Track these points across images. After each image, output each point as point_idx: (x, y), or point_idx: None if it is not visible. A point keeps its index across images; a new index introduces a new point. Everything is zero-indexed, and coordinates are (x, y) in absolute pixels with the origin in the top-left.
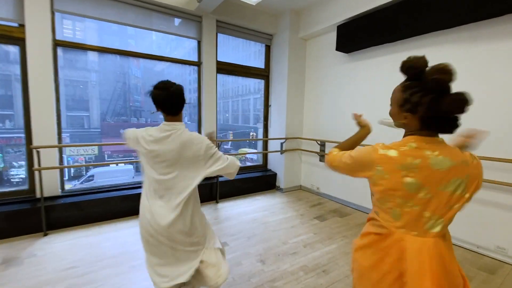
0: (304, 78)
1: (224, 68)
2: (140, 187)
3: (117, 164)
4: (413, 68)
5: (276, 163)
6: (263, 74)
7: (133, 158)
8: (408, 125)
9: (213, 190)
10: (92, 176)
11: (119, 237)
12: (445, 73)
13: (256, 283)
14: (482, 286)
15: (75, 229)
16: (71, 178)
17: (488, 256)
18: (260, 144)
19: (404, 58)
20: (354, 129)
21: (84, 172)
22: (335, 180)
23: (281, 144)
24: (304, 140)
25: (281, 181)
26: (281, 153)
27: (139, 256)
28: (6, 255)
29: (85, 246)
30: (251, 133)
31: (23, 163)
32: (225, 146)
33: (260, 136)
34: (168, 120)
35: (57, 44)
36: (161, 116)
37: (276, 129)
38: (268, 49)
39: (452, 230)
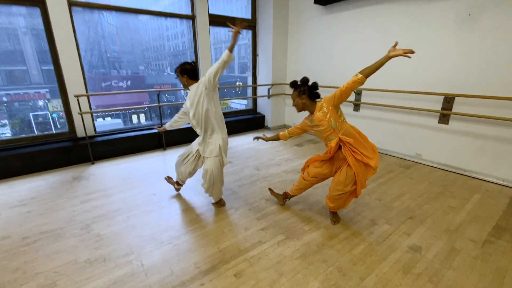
0: (287, 29)
1: (216, 21)
2: (148, 129)
3: (104, 118)
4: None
5: (264, 106)
6: (250, 24)
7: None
8: (305, 104)
9: None
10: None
11: (147, 163)
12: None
13: (254, 179)
14: (399, 175)
15: (113, 159)
16: None
17: (409, 160)
18: (250, 90)
19: (377, 12)
20: (330, 75)
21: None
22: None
23: (268, 89)
24: (287, 86)
25: (269, 122)
26: (268, 98)
27: (164, 173)
28: (73, 175)
29: (126, 169)
30: (237, 83)
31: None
32: None
33: (249, 83)
34: (192, 83)
35: (70, 3)
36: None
37: (263, 76)
38: (254, 1)
39: (388, 145)
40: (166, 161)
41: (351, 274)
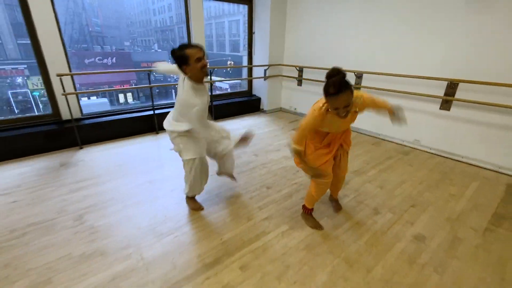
0: (286, 5)
1: None
2: (140, 111)
3: (89, 97)
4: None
5: (260, 88)
6: None
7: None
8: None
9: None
10: None
11: (140, 148)
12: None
13: (253, 165)
14: (399, 161)
15: (102, 144)
16: None
17: (408, 146)
18: (245, 71)
19: None
20: (329, 57)
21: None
22: (310, 102)
23: (265, 70)
24: (284, 67)
25: (265, 104)
26: (265, 79)
27: (158, 159)
28: (61, 160)
29: (117, 155)
30: (228, 62)
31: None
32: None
33: (245, 63)
34: None
35: None
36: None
37: (260, 56)
38: None
39: (386, 131)
40: (160, 146)
41: (358, 265)
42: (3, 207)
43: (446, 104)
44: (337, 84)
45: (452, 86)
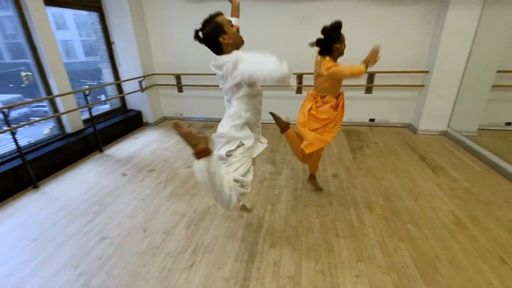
0: (143, 12)
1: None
2: None
3: None
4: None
5: (137, 102)
6: (92, 5)
7: None
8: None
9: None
10: None
11: (13, 225)
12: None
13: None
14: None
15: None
16: None
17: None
18: (111, 87)
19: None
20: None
21: None
22: (196, 104)
23: (140, 82)
24: (158, 76)
25: (149, 117)
26: (142, 91)
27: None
28: None
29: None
30: (23, 74)
31: None
32: None
33: (109, 77)
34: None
35: None
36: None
37: (128, 68)
38: None
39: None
40: (49, 210)
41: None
42: None
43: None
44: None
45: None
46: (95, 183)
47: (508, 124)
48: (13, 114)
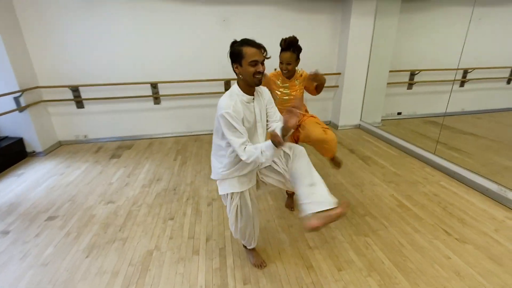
0: (16, 17)
1: None
2: None
3: None
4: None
5: (15, 126)
6: None
7: None
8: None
9: None
10: None
11: None
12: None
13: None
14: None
15: None
16: None
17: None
18: None
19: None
20: (106, 71)
21: None
22: (104, 122)
23: (17, 98)
24: (45, 90)
25: (36, 143)
26: (21, 111)
27: None
28: None
29: None
30: None
31: None
32: None
33: None
34: None
35: None
36: None
37: None
38: None
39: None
40: None
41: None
42: None
43: (157, 100)
44: (287, 41)
45: (154, 86)
46: None
47: (399, 113)
48: None
